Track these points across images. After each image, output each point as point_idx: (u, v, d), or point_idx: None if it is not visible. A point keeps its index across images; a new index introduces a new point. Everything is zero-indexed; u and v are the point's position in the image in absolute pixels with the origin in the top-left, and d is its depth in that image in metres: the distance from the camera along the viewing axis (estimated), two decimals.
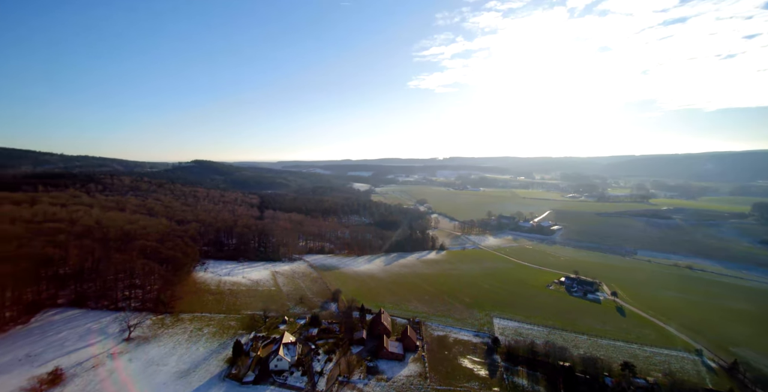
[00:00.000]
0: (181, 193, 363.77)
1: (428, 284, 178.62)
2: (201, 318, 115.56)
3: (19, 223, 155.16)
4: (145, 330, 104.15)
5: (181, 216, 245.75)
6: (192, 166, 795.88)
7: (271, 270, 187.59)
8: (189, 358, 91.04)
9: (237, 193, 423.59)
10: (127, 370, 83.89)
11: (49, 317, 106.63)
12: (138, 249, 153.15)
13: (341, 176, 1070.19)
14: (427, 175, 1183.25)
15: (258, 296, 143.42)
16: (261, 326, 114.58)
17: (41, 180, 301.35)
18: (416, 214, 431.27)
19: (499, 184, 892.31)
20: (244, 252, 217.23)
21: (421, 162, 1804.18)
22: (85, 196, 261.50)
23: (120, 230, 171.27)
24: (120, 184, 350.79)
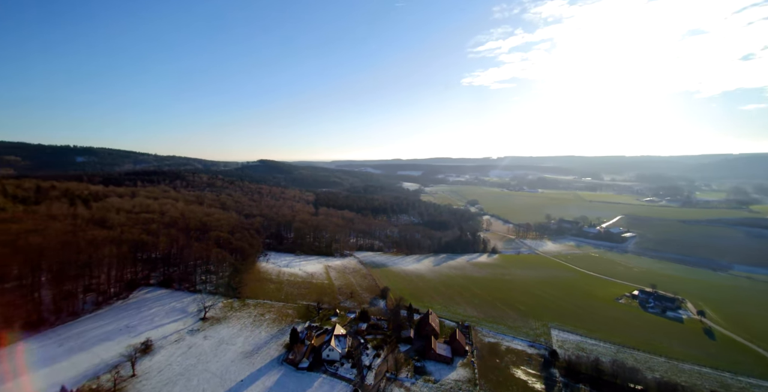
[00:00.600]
0: (248, 189, 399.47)
1: (479, 288, 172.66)
2: (263, 304, 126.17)
3: (122, 213, 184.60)
4: (218, 311, 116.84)
5: (248, 211, 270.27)
6: (258, 165, 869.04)
7: (324, 264, 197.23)
8: (253, 340, 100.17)
9: (295, 191, 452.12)
10: (202, 346, 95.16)
11: (143, 294, 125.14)
12: (213, 239, 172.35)
13: (391, 175, 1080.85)
14: (480, 175, 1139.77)
15: (312, 288, 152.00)
16: (315, 316, 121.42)
17: (139, 176, 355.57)
18: (467, 215, 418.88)
19: (560, 186, 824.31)
20: (300, 246, 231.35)
21: (473, 161, 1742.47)
22: (172, 190, 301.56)
23: (199, 222, 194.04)
24: (199, 181, 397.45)
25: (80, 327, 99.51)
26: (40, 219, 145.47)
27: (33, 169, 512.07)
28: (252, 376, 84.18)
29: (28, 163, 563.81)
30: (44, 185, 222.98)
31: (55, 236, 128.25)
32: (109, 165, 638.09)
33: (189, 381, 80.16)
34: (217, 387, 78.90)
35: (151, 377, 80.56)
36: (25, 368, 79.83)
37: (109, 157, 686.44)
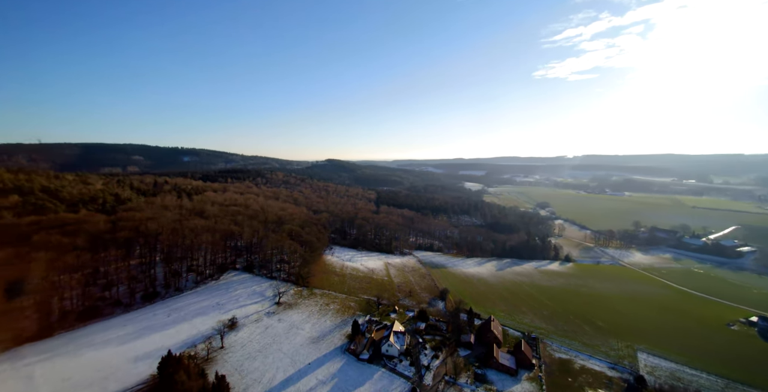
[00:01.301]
0: (317, 187, 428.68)
1: (548, 298, 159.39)
2: (328, 295, 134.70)
3: (216, 205, 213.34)
4: (290, 298, 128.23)
5: (316, 207, 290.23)
6: (325, 164, 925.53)
7: (384, 261, 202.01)
8: (319, 328, 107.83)
9: (358, 189, 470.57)
10: (276, 328, 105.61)
11: (230, 277, 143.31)
12: (286, 231, 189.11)
13: (452, 175, 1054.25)
14: (551, 176, 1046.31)
15: (373, 283, 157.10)
16: (374, 311, 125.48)
17: (229, 174, 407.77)
18: (535, 219, 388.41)
19: (653, 189, 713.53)
20: (362, 242, 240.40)
21: (544, 161, 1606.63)
22: (255, 187, 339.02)
23: (275, 215, 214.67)
24: (276, 179, 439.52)
25: (183, 301, 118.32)
26: (156, 209, 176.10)
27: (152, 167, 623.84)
28: (318, 361, 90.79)
29: (149, 162, 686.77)
30: (159, 180, 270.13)
31: (167, 223, 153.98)
32: (207, 163, 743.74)
33: (266, 358, 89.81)
34: (288, 366, 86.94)
35: (235, 350, 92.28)
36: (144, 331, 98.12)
37: (207, 157, 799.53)
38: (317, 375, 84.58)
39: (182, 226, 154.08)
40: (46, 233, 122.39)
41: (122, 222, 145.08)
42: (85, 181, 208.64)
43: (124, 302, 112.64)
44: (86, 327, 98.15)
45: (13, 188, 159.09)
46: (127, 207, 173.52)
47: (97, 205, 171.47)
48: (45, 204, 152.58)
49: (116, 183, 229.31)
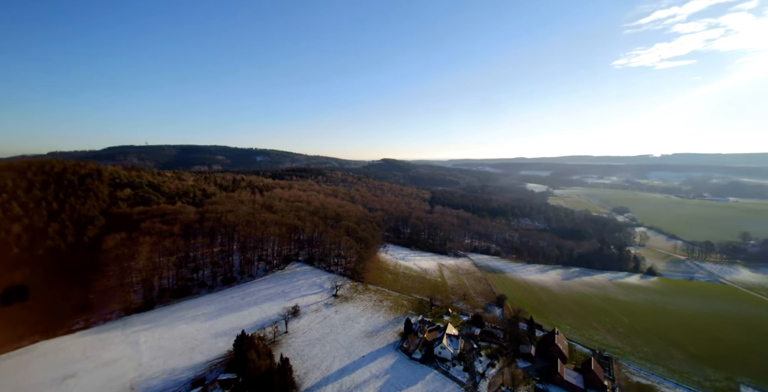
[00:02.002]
0: (372, 185, 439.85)
1: (625, 314, 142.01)
2: (382, 291, 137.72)
3: (282, 201, 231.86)
4: (346, 291, 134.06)
5: (371, 205, 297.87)
6: (381, 164, 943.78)
7: (437, 261, 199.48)
8: (373, 323, 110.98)
9: (412, 188, 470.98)
10: (333, 319, 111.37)
11: (294, 268, 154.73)
12: (344, 228, 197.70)
13: (512, 175, 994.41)
14: (633, 177, 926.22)
15: (426, 283, 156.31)
16: (427, 311, 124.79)
17: (294, 172, 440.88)
18: (611, 225, 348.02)
19: None
20: (415, 242, 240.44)
21: (624, 160, 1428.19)
22: (316, 184, 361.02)
23: (334, 212, 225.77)
24: (335, 177, 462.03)
25: (254, 287, 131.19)
26: (234, 203, 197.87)
27: (231, 165, 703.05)
28: (371, 355, 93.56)
29: (229, 161, 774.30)
30: (237, 178, 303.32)
31: (242, 216, 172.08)
32: (276, 163, 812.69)
33: (323, 346, 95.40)
34: (344, 357, 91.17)
35: (297, 336, 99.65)
36: (223, 311, 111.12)
37: (276, 157, 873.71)
38: (370, 369, 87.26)
39: (255, 219, 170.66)
40: (151, 221, 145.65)
41: (207, 214, 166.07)
42: (180, 178, 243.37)
43: (208, 284, 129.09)
44: (178, 304, 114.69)
45: (127, 183, 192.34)
46: (212, 201, 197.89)
47: (189, 198, 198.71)
48: (150, 196, 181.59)
49: (203, 179, 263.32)
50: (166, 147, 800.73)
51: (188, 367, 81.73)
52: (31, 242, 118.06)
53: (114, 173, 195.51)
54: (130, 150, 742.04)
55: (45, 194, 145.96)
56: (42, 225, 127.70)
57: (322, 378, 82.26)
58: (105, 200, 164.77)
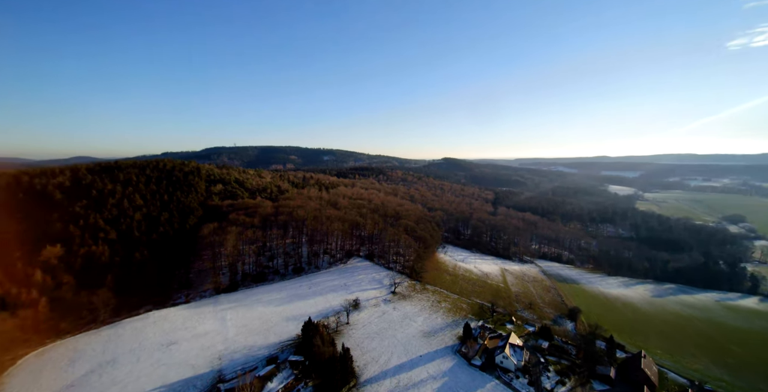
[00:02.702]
0: (432, 185, 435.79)
1: (737, 343, 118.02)
2: (440, 293, 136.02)
3: (346, 198, 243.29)
4: (404, 289, 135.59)
5: (431, 204, 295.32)
6: (441, 163, 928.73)
7: (500, 266, 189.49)
8: (430, 323, 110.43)
9: (474, 188, 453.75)
10: (392, 315, 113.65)
11: (355, 263, 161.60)
12: (403, 226, 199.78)
13: (591, 176, 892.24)
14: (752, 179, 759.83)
15: (487, 288, 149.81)
16: (488, 317, 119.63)
17: (357, 171, 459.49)
18: (720, 236, 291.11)
19: None
20: (476, 244, 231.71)
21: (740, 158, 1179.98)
22: (377, 183, 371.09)
23: (393, 210, 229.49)
24: (395, 176, 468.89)
25: (320, 278, 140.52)
26: (303, 199, 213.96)
27: (302, 164, 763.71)
28: (429, 356, 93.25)
29: (300, 160, 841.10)
30: (307, 176, 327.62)
31: (311, 211, 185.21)
32: (341, 162, 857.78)
33: (382, 340, 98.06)
34: (402, 354, 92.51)
35: (357, 328, 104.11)
36: (293, 298, 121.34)
37: (341, 156, 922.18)
38: (428, 369, 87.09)
39: (321, 215, 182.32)
40: (236, 213, 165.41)
41: (281, 208, 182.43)
42: (260, 175, 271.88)
43: (281, 272, 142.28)
44: (257, 287, 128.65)
45: (219, 179, 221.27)
46: (285, 196, 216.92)
47: (267, 194, 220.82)
48: (236, 191, 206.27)
49: (279, 177, 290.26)
50: (250, 148, 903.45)
51: (264, 345, 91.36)
52: (148, 227, 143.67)
53: (209, 171, 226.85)
54: (222, 150, 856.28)
55: (159, 188, 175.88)
56: (156, 214, 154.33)
57: (380, 371, 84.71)
58: (202, 194, 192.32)
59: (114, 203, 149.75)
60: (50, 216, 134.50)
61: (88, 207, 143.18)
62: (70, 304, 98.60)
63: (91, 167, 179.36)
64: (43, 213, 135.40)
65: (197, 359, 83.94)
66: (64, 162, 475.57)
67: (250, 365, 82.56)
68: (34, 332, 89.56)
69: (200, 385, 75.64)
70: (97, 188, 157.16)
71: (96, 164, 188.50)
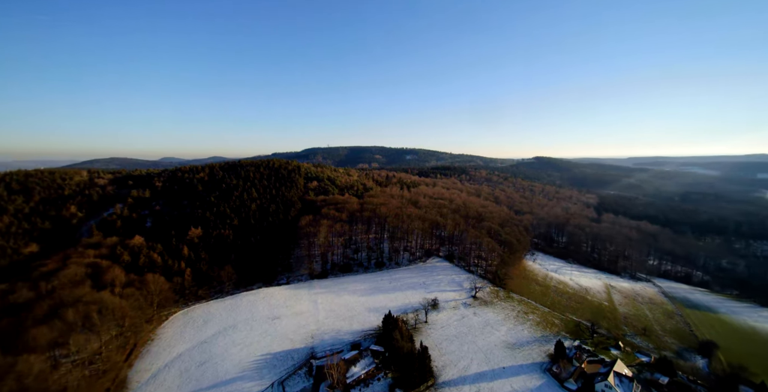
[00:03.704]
0: (520, 186, 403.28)
1: None
2: (527, 303, 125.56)
3: (426, 197, 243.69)
4: (485, 295, 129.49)
5: (518, 207, 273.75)
6: (532, 162, 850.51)
7: (604, 281, 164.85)
8: (515, 335, 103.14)
9: (572, 191, 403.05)
10: (472, 320, 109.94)
11: (434, 262, 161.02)
12: (485, 228, 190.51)
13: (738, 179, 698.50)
14: None
15: (585, 305, 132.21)
16: (586, 338, 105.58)
17: (438, 170, 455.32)
18: None
19: None
20: (573, 253, 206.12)
21: None
22: (459, 183, 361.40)
23: (476, 211, 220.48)
24: (479, 176, 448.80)
25: (400, 274, 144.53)
26: (386, 197, 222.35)
27: (386, 163, 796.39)
28: (513, 369, 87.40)
29: (384, 160, 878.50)
30: (390, 174, 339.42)
31: (392, 209, 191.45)
32: (423, 161, 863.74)
33: (461, 345, 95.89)
34: (482, 362, 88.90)
35: (435, 328, 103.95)
36: (374, 291, 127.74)
37: (423, 156, 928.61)
38: (512, 383, 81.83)
39: (402, 213, 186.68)
40: (328, 208, 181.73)
41: (366, 205, 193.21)
42: (348, 173, 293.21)
43: (364, 265, 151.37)
44: (343, 277, 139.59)
45: (314, 177, 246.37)
46: (370, 194, 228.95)
47: (354, 191, 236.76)
48: (328, 188, 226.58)
49: (365, 175, 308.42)
50: (340, 148, 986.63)
51: (348, 331, 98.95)
52: (260, 216, 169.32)
53: (307, 169, 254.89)
54: (317, 151, 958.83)
55: (269, 183, 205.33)
56: (266, 205, 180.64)
57: (459, 376, 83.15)
58: (301, 189, 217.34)
59: (237, 195, 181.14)
60: (194, 204, 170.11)
61: (219, 198, 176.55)
62: (205, 276, 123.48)
63: (222, 166, 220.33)
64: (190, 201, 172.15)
65: (295, 335, 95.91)
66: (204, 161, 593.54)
67: (337, 348, 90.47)
68: (182, 295, 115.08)
69: (297, 358, 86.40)
70: (225, 182, 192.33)
71: (225, 163, 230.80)
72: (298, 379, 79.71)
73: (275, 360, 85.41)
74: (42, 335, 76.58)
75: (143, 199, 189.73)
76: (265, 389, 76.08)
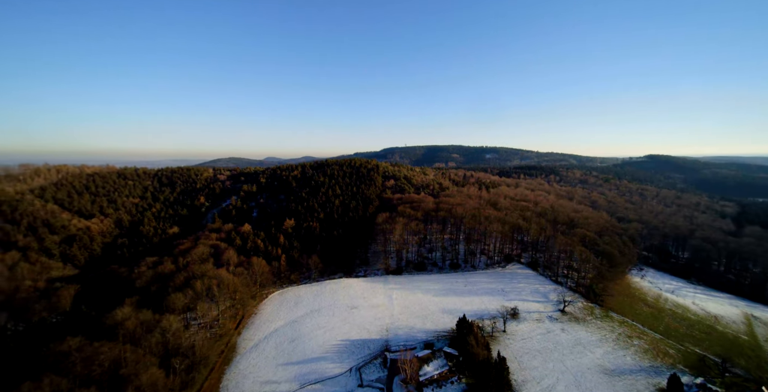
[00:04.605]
0: (626, 189, 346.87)
1: None
2: (632, 326, 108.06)
3: (507, 199, 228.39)
4: (576, 310, 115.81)
5: (622, 214, 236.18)
6: (644, 162, 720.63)
7: (743, 310, 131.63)
8: (614, 360, 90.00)
9: (699, 197, 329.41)
10: (559, 337, 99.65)
11: (515, 269, 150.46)
12: (578, 236, 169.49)
13: None
14: None
15: (714, 336, 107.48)
16: (713, 376, 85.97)
17: (522, 170, 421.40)
18: None
19: None
20: (698, 272, 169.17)
21: None
22: (546, 184, 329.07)
23: (566, 216, 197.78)
24: (572, 177, 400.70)
25: (476, 277, 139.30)
26: (463, 197, 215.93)
27: (463, 163, 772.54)
28: None
29: (462, 159, 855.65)
30: (467, 174, 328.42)
31: (469, 210, 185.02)
32: (504, 160, 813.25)
33: (545, 362, 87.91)
34: (571, 384, 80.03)
35: (515, 340, 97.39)
36: (448, 292, 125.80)
37: (505, 154, 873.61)
38: None
39: (479, 214, 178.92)
40: (403, 206, 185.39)
41: (441, 205, 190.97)
42: (424, 173, 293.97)
43: (438, 265, 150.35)
44: (417, 275, 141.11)
45: (391, 175, 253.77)
46: (445, 193, 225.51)
47: (429, 190, 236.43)
48: (404, 186, 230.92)
49: (441, 174, 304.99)
50: (417, 147, 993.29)
51: (422, 330, 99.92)
52: (342, 212, 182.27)
53: (385, 168, 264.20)
54: (395, 150, 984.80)
55: (351, 181, 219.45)
56: (347, 201, 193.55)
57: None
58: (379, 187, 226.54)
59: (323, 191, 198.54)
60: (289, 198, 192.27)
61: (309, 193, 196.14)
62: (296, 262, 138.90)
63: (312, 164, 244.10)
64: (286, 195, 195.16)
65: (371, 326, 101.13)
66: (298, 160, 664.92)
67: (410, 344, 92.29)
68: (278, 277, 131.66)
69: (372, 348, 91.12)
70: (314, 180, 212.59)
71: (314, 162, 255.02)
72: (373, 368, 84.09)
73: (353, 347, 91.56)
74: (178, 300, 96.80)
75: (251, 193, 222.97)
76: (344, 372, 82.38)
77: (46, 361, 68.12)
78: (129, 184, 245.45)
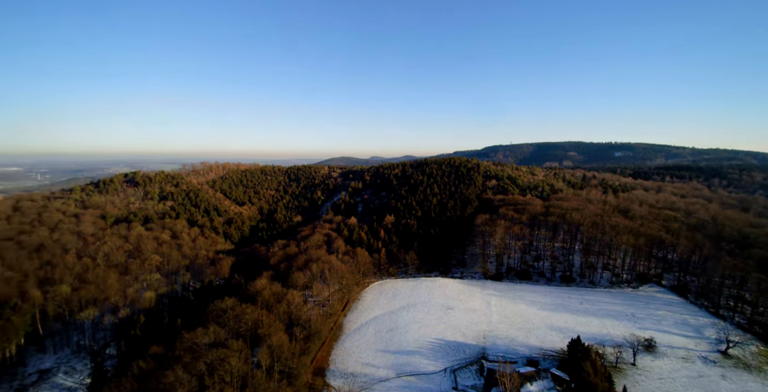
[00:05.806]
0: None
1: None
2: None
3: (644, 206, 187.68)
4: (746, 354, 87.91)
5: None
6: None
7: None
8: None
9: None
10: (718, 384, 77.54)
11: (652, 292, 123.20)
12: (756, 258, 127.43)
13: None
14: None
15: None
16: None
17: (669, 171, 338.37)
18: None
19: None
20: None
21: None
22: (706, 189, 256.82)
23: (737, 232, 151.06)
24: (748, 180, 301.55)
25: (595, 295, 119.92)
26: (581, 201, 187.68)
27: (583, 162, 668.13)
28: None
29: (581, 157, 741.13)
30: (588, 174, 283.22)
31: (588, 216, 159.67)
32: (641, 159, 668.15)
33: None
34: None
35: (649, 377, 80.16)
36: (558, 307, 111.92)
37: (642, 152, 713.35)
38: None
39: (603, 222, 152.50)
40: (506, 208, 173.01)
41: (552, 209, 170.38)
42: (532, 173, 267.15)
43: (546, 276, 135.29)
44: (520, 284, 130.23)
45: (493, 175, 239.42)
46: (558, 196, 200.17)
47: (537, 192, 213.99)
48: (508, 187, 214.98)
49: (552, 175, 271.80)
50: (525, 145, 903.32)
51: (524, 344, 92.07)
52: (440, 211, 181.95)
53: (486, 167, 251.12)
54: (498, 148, 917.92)
55: (449, 180, 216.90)
56: (445, 201, 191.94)
57: None
58: (479, 187, 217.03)
59: (422, 190, 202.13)
60: (390, 195, 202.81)
61: (408, 191, 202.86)
62: (394, 257, 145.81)
63: (411, 163, 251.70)
64: (387, 193, 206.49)
65: (467, 329, 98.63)
66: (399, 159, 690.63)
67: (510, 357, 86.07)
68: (378, 269, 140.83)
69: (468, 353, 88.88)
70: (413, 178, 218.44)
71: (414, 161, 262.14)
72: (468, 374, 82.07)
73: (448, 348, 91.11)
74: (299, 278, 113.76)
75: (357, 189, 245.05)
76: (438, 370, 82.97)
77: (211, 314, 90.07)
78: (268, 179, 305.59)
